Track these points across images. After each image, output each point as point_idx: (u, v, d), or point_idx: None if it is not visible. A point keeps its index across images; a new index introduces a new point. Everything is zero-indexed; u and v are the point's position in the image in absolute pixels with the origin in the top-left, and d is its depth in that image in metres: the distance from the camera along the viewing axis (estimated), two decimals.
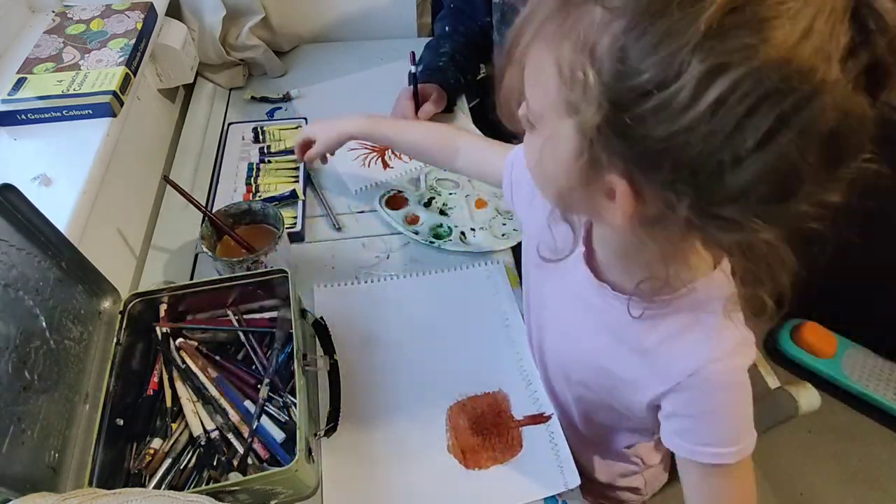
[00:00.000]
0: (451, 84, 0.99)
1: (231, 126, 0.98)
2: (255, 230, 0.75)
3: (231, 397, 0.61)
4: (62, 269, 0.57)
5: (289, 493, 0.56)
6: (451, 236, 0.81)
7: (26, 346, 0.51)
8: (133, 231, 0.81)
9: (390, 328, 0.72)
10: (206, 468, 0.58)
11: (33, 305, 0.52)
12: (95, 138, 0.68)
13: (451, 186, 0.88)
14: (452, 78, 0.99)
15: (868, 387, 1.34)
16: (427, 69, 0.99)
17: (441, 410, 0.64)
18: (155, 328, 0.64)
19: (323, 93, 1.07)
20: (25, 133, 0.70)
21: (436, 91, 0.95)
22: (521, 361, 0.68)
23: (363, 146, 0.96)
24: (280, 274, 0.64)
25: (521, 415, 0.64)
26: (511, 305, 0.74)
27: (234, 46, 1.04)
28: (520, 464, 0.60)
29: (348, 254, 0.81)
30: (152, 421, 0.60)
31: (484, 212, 0.85)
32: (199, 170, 0.92)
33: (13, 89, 0.71)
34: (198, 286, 0.64)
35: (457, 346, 0.70)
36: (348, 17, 1.17)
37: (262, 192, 0.86)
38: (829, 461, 1.32)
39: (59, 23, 0.82)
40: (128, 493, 0.39)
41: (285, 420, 0.60)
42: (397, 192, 0.88)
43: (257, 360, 0.64)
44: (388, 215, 0.84)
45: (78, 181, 0.64)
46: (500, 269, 0.78)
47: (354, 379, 0.66)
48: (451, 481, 0.59)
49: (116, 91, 0.71)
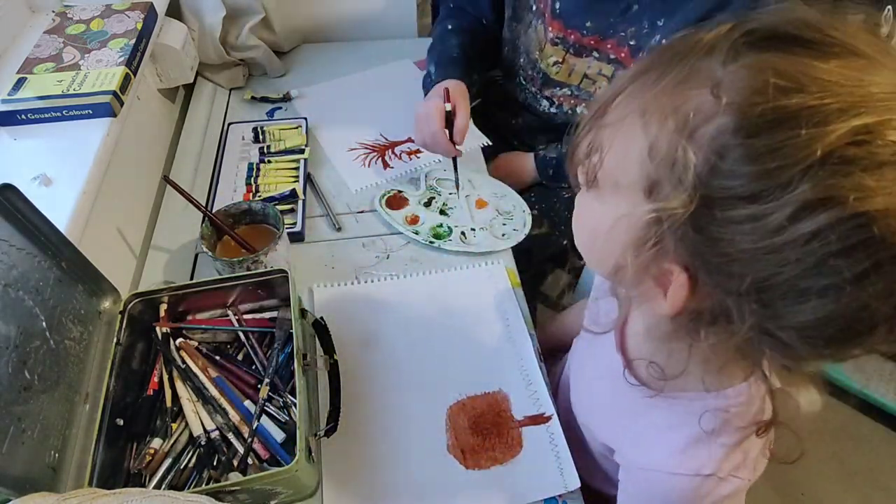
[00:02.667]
0: (473, 78, 0.90)
1: (231, 126, 0.98)
2: (255, 230, 0.75)
3: (231, 397, 0.61)
4: (62, 269, 0.57)
5: (289, 493, 0.56)
6: (451, 236, 0.81)
7: (26, 346, 0.51)
8: (133, 231, 0.81)
9: (390, 328, 0.72)
10: (206, 468, 0.58)
11: (33, 305, 0.52)
12: (95, 138, 0.68)
13: (451, 186, 0.88)
14: (471, 69, 0.91)
15: (868, 387, 1.34)
16: (441, 63, 0.90)
17: (441, 410, 0.64)
18: (155, 328, 0.64)
19: (323, 93, 1.07)
20: (25, 133, 0.70)
21: (461, 98, 0.82)
22: (521, 361, 0.68)
23: (363, 146, 0.96)
24: (280, 274, 0.64)
25: (521, 415, 0.64)
26: (511, 305, 0.74)
27: (234, 46, 1.04)
28: (519, 464, 0.61)
29: (348, 254, 0.81)
30: (152, 421, 0.60)
31: (484, 212, 0.85)
32: (199, 170, 0.92)
33: (13, 89, 0.71)
34: (198, 286, 0.64)
35: (457, 346, 0.70)
36: (348, 17, 1.17)
37: (262, 192, 0.86)
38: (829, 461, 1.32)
39: (59, 23, 0.82)
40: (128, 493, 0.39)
41: (285, 420, 0.60)
42: (397, 192, 0.87)
43: (257, 360, 0.64)
44: (388, 215, 0.84)
45: (78, 181, 0.63)
46: (501, 269, 0.78)
47: (354, 379, 0.66)
48: (450, 481, 0.59)
49: (116, 91, 0.71)
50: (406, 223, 0.83)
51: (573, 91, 0.93)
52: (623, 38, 0.83)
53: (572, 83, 0.92)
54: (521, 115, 1.03)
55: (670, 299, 0.35)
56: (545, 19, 0.89)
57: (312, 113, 1.01)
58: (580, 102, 0.93)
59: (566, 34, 0.87)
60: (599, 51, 0.87)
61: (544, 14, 0.89)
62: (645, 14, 0.80)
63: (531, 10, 0.92)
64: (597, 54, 0.87)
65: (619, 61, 0.86)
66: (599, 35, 0.85)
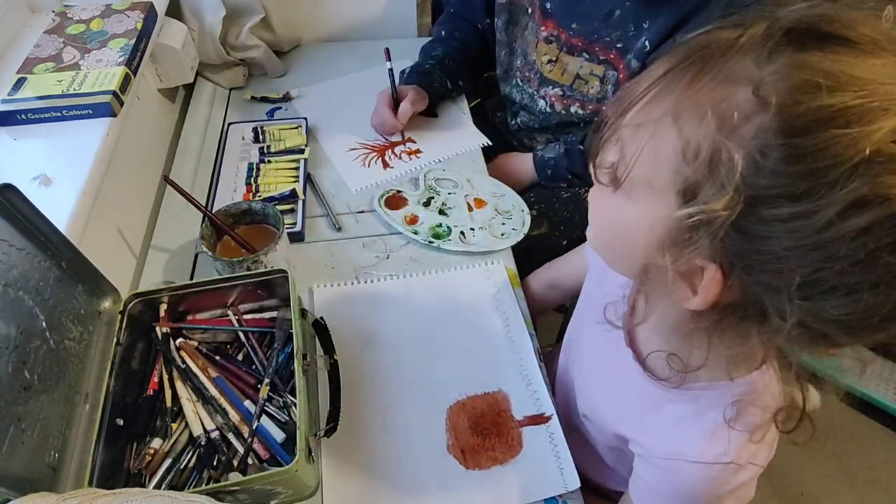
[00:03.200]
0: (435, 87, 0.98)
1: (231, 126, 0.98)
2: (255, 230, 0.75)
3: (231, 397, 0.61)
4: (62, 269, 0.57)
5: (289, 493, 0.56)
6: (450, 236, 0.81)
7: (26, 346, 0.51)
8: (133, 231, 0.81)
9: (390, 328, 0.72)
10: (206, 468, 0.58)
11: (33, 305, 0.52)
12: (95, 138, 0.68)
13: (450, 186, 0.88)
14: (437, 81, 0.98)
15: (868, 387, 1.34)
16: (413, 71, 0.99)
17: (441, 410, 0.64)
18: (155, 328, 0.64)
19: (323, 93, 1.07)
20: (25, 133, 0.70)
21: (412, 91, 0.94)
22: (521, 361, 0.68)
23: (363, 146, 0.96)
24: (280, 274, 0.64)
25: (521, 415, 0.64)
26: (511, 305, 0.74)
27: (234, 46, 1.04)
28: (519, 464, 0.61)
29: (348, 254, 0.81)
30: (152, 421, 0.60)
31: (483, 211, 0.85)
32: (199, 170, 0.92)
33: (13, 89, 0.71)
34: (198, 286, 0.64)
35: (457, 346, 0.70)
36: (348, 17, 1.17)
37: (262, 192, 0.86)
38: (829, 461, 1.32)
39: (59, 23, 0.82)
40: (128, 493, 0.39)
41: (285, 420, 0.60)
42: (396, 192, 0.87)
43: (257, 360, 0.64)
44: (388, 215, 0.84)
45: (78, 181, 0.63)
46: (501, 269, 0.78)
47: (354, 379, 0.66)
48: (450, 481, 0.59)
49: (116, 91, 0.71)
50: (405, 223, 0.83)
51: (565, 91, 0.94)
52: (609, 42, 0.85)
53: (565, 83, 0.93)
54: (519, 116, 1.04)
55: (702, 295, 0.35)
56: (536, 19, 0.91)
57: (312, 113, 1.01)
58: (573, 102, 0.94)
59: (559, 32, 0.89)
60: (588, 52, 0.88)
61: (535, 14, 0.91)
62: (629, 18, 0.82)
63: (526, 13, 0.94)
64: (586, 55, 0.88)
65: (609, 62, 0.87)
66: (585, 38, 0.87)
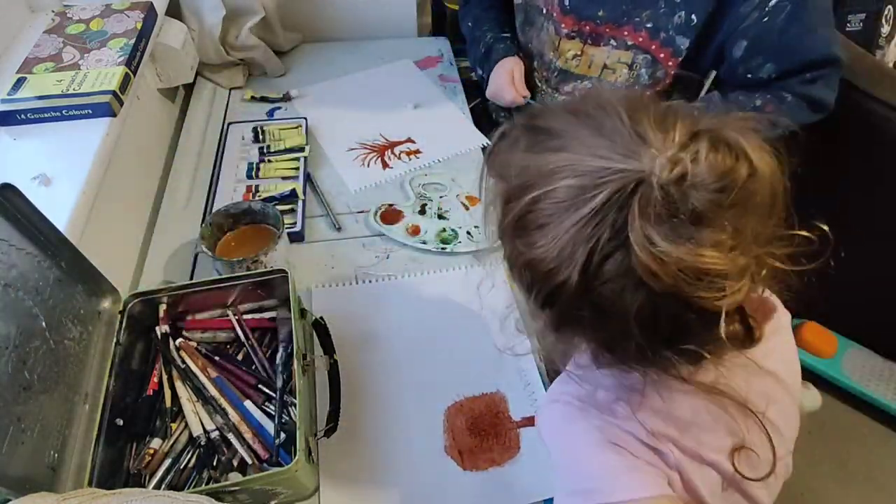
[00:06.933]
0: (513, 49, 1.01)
1: (231, 126, 0.98)
2: (255, 230, 0.75)
3: (231, 397, 0.61)
4: (62, 269, 0.57)
5: (288, 493, 0.56)
6: (458, 238, 0.81)
7: (26, 346, 0.51)
8: (133, 231, 0.82)
9: (389, 328, 0.72)
10: (206, 468, 0.58)
11: (33, 305, 0.52)
12: (95, 138, 0.68)
13: (439, 189, 0.88)
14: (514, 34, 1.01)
15: (868, 387, 1.34)
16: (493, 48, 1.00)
17: (439, 411, 0.64)
18: (155, 328, 0.64)
19: (323, 93, 1.07)
20: (25, 133, 0.70)
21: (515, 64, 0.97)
22: (519, 362, 0.68)
23: (363, 146, 0.96)
24: (280, 274, 0.64)
25: (518, 416, 0.64)
26: (511, 305, 0.74)
27: (234, 46, 1.04)
28: (517, 465, 0.61)
29: (348, 254, 0.81)
30: (152, 421, 0.60)
31: (479, 207, 0.84)
32: (199, 170, 0.92)
33: (13, 89, 0.71)
34: (198, 286, 0.64)
35: (455, 346, 0.70)
36: (348, 17, 1.17)
37: (262, 192, 0.86)
38: (829, 461, 1.32)
39: (59, 22, 0.82)
40: (128, 493, 0.39)
41: (285, 420, 0.60)
42: (389, 206, 0.85)
43: (257, 360, 0.64)
44: (389, 231, 0.82)
45: (78, 181, 0.64)
46: (500, 269, 0.78)
47: (354, 379, 0.66)
48: (448, 482, 0.59)
49: (116, 91, 0.71)
50: (408, 235, 0.82)
51: (594, 84, 0.94)
52: (639, 22, 0.85)
53: (592, 75, 0.93)
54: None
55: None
56: (555, 17, 0.91)
57: (312, 113, 1.01)
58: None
59: (580, 26, 0.89)
60: (616, 38, 0.88)
61: (553, 13, 0.91)
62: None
63: (541, 13, 0.94)
64: (614, 42, 0.88)
65: (638, 46, 0.87)
66: (614, 23, 0.87)
